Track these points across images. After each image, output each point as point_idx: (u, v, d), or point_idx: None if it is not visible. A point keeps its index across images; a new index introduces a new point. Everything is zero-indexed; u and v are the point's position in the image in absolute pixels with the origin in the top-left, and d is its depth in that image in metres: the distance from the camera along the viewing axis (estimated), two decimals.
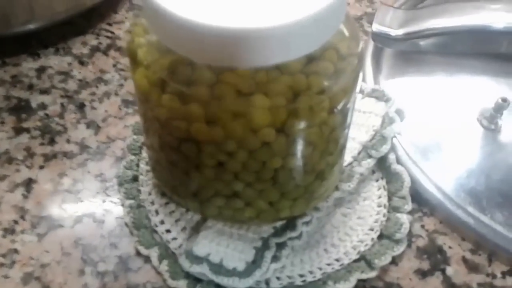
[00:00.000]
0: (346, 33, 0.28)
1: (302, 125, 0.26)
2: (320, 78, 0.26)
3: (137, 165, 0.36)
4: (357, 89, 0.30)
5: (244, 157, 0.27)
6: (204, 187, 0.30)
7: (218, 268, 0.31)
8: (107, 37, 0.46)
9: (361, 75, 0.41)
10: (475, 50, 0.43)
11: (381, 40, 0.42)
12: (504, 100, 0.37)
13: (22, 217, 0.34)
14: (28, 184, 0.36)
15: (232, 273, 0.31)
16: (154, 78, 0.26)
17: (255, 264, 0.31)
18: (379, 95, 0.39)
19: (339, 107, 0.27)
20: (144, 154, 0.37)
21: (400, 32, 0.42)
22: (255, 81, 0.25)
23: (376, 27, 0.42)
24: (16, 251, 0.33)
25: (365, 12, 0.49)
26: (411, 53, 0.43)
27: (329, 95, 0.26)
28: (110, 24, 0.48)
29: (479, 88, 0.41)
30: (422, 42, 0.43)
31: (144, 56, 0.27)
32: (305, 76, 0.26)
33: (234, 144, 0.26)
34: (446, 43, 0.43)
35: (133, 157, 0.37)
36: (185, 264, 0.31)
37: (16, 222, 0.34)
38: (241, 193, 0.29)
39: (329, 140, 0.29)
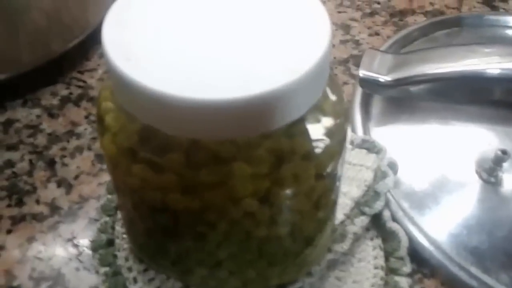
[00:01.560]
0: (330, 92, 0.25)
1: (287, 193, 0.24)
2: (305, 141, 0.24)
3: (113, 228, 0.33)
4: (344, 149, 0.27)
5: (225, 228, 0.24)
6: (184, 257, 0.27)
7: None
8: (79, 86, 0.44)
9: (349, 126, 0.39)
10: (469, 97, 0.40)
11: (369, 86, 0.40)
12: (504, 152, 0.35)
13: None
14: None
15: None
16: (123, 146, 0.24)
17: None
18: (370, 146, 0.36)
19: (327, 171, 0.25)
20: (120, 215, 0.34)
21: (389, 78, 0.40)
22: (234, 147, 0.22)
23: (363, 72, 0.40)
24: None
25: (351, 54, 0.47)
26: (401, 99, 0.41)
27: (315, 160, 0.24)
28: (81, 73, 0.45)
29: (475, 136, 0.39)
30: (413, 88, 0.41)
31: (112, 122, 0.24)
32: (289, 140, 0.23)
33: (213, 214, 0.24)
34: (438, 89, 0.40)
35: (107, 219, 0.34)
36: None
37: None
38: (225, 263, 0.27)
39: (317, 206, 0.26)
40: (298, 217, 0.26)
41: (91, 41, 0.46)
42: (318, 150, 0.24)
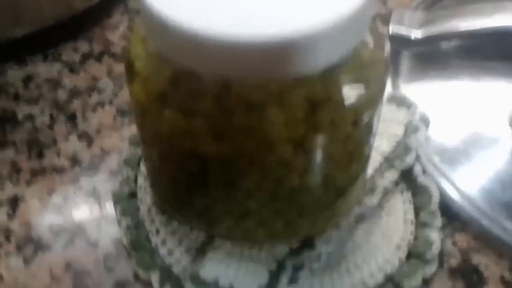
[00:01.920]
0: (370, 39, 0.24)
1: (322, 140, 0.23)
2: (341, 88, 0.22)
3: (135, 181, 0.33)
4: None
5: (256, 176, 0.24)
6: (211, 207, 0.26)
7: None
8: (101, 42, 0.43)
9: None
10: (500, 53, 0.39)
11: (399, 42, 0.39)
12: None
13: (7, 239, 0.31)
14: (14, 202, 0.32)
15: None
16: (154, 91, 0.23)
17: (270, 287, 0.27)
18: (400, 101, 0.35)
19: (364, 119, 0.24)
20: (143, 168, 0.33)
21: (419, 34, 0.38)
22: (267, 91, 0.21)
23: (393, 28, 0.39)
24: (0, 277, 0.29)
25: (378, 13, 0.46)
26: (432, 56, 0.40)
27: (352, 108, 0.23)
28: (103, 29, 0.44)
29: (508, 92, 0.37)
30: (444, 45, 0.39)
31: (142, 68, 0.23)
32: (325, 86, 0.22)
33: (245, 161, 0.23)
34: (469, 45, 0.39)
35: (130, 172, 0.33)
36: None
37: (0, 244, 0.30)
38: (254, 213, 0.26)
39: (353, 156, 0.25)
40: (332, 166, 0.24)
41: None
42: (355, 98, 0.23)
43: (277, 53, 0.19)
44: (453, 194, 0.32)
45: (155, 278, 0.29)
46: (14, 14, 0.39)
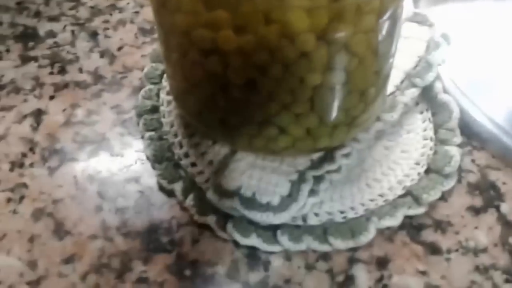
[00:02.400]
0: None
1: (346, 30, 0.23)
2: None
3: (157, 95, 0.33)
4: None
5: (278, 72, 0.23)
6: (233, 112, 0.26)
7: (250, 202, 0.28)
8: None
9: None
10: None
11: None
12: None
13: (31, 150, 0.31)
14: (37, 115, 0.33)
15: (266, 207, 0.28)
16: None
17: (291, 197, 0.28)
18: (421, 20, 0.35)
19: (388, 13, 0.24)
20: (165, 83, 0.33)
21: None
22: None
23: None
24: (25, 185, 0.30)
25: None
26: None
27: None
28: None
29: None
30: None
31: None
32: None
33: (267, 55, 0.23)
34: None
35: (152, 86, 0.33)
36: (214, 198, 0.28)
37: (24, 155, 0.31)
38: (275, 118, 0.26)
39: (376, 53, 0.25)
40: (355, 62, 0.24)
41: None
42: None
43: None
44: (473, 113, 0.32)
45: (178, 188, 0.29)
46: None
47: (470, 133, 0.32)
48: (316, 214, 0.29)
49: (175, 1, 0.23)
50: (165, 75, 0.34)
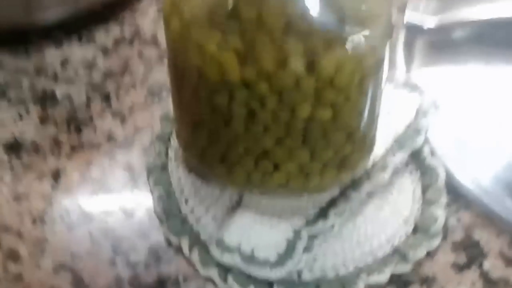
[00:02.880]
0: None
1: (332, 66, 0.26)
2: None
3: (166, 154, 0.36)
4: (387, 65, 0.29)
5: (274, 102, 0.26)
6: (233, 146, 0.29)
7: (249, 258, 0.30)
8: (131, 26, 0.46)
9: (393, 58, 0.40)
10: (509, 40, 0.42)
11: (414, 30, 0.42)
12: None
13: (51, 207, 0.34)
14: (56, 173, 0.36)
15: (264, 263, 0.30)
16: (188, 19, 0.27)
17: (286, 255, 0.30)
18: (412, 86, 0.38)
19: (372, 55, 0.27)
20: (173, 142, 0.36)
21: (433, 22, 0.41)
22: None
23: (409, 15, 0.42)
24: (46, 240, 0.32)
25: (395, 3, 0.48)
26: (444, 43, 0.43)
27: (360, 38, 0.26)
28: (133, 13, 0.47)
29: None
30: (457, 31, 0.42)
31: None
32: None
33: (265, 85, 0.26)
34: (480, 33, 0.42)
35: (162, 145, 0.36)
36: (216, 253, 0.30)
37: (45, 211, 0.33)
38: (270, 151, 0.28)
39: (360, 92, 0.28)
40: (341, 98, 0.27)
41: None
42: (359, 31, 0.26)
43: None
44: (459, 174, 0.35)
45: (184, 243, 0.32)
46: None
47: (456, 194, 0.35)
48: (310, 270, 0.31)
49: (191, 42, 0.26)
50: (173, 135, 0.37)
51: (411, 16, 0.41)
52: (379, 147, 0.34)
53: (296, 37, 0.25)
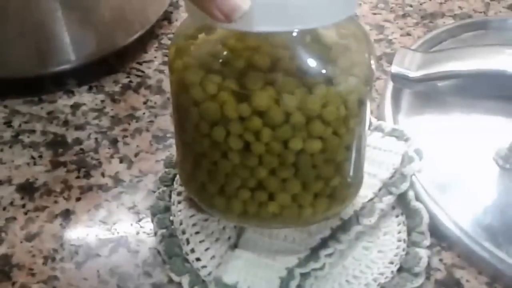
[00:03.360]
0: (355, 30, 0.32)
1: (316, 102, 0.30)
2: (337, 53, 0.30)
3: (169, 196, 0.38)
4: (370, 110, 0.33)
5: (267, 136, 0.30)
6: (231, 178, 0.32)
7: None
8: (138, 75, 0.49)
9: (380, 110, 0.43)
10: (491, 93, 0.44)
11: (400, 81, 0.45)
12: None
13: (61, 246, 0.36)
14: (66, 215, 0.38)
15: None
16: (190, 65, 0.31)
17: None
18: (398, 135, 0.41)
19: (353, 95, 0.30)
20: (176, 185, 0.39)
21: (418, 74, 0.44)
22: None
23: (395, 68, 0.44)
24: (56, 278, 0.34)
25: (384, 53, 0.52)
26: (429, 94, 0.45)
27: (344, 76, 0.30)
28: (140, 63, 0.50)
29: (494, 129, 0.43)
30: (440, 84, 0.45)
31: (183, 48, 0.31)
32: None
33: (259, 121, 0.29)
34: (463, 85, 0.45)
35: (165, 189, 0.39)
36: None
37: (55, 250, 0.36)
38: (265, 182, 0.31)
39: (347, 128, 0.31)
40: (329, 131, 0.30)
41: (149, 36, 0.52)
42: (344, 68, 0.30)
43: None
44: (442, 217, 0.37)
45: (185, 281, 0.34)
46: (65, 51, 0.45)
47: (439, 235, 0.37)
48: None
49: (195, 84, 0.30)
50: (176, 179, 0.39)
51: (397, 69, 0.44)
52: (367, 191, 0.36)
53: (285, 77, 0.29)
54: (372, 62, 0.32)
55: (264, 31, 0.28)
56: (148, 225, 0.37)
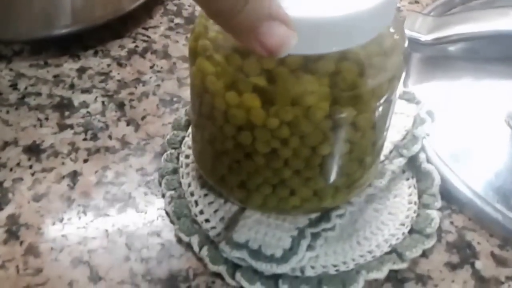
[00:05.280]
0: (393, 28, 0.30)
1: (352, 112, 0.28)
2: (366, 69, 0.28)
3: (177, 158, 0.38)
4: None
5: (296, 143, 0.29)
6: (253, 176, 0.31)
7: (257, 254, 0.32)
8: (143, 40, 0.48)
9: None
10: (501, 55, 0.44)
11: (411, 45, 0.43)
12: None
13: (69, 206, 0.36)
14: (74, 176, 0.38)
15: (270, 259, 0.32)
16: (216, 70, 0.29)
17: (291, 251, 0.32)
18: (410, 98, 0.40)
19: (385, 96, 0.29)
20: (184, 148, 0.38)
21: (429, 37, 0.43)
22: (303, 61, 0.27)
23: (405, 32, 0.44)
24: (64, 237, 0.34)
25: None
26: (439, 58, 0.45)
27: (375, 86, 0.29)
28: (146, 29, 0.49)
29: (506, 91, 0.42)
30: (450, 48, 0.44)
31: (207, 49, 0.29)
32: (352, 65, 0.28)
33: (288, 130, 0.28)
34: (473, 48, 0.44)
35: (173, 151, 0.38)
36: (226, 249, 0.32)
37: (63, 210, 0.35)
38: (288, 181, 0.31)
39: (374, 128, 0.30)
40: (358, 136, 0.30)
41: (154, 1, 0.51)
42: (377, 79, 0.29)
43: (326, 30, 0.25)
44: (453, 179, 0.37)
45: (194, 241, 0.34)
46: (69, 14, 0.44)
47: (449, 198, 0.37)
48: (313, 267, 0.33)
49: (218, 90, 0.29)
50: (184, 141, 0.39)
51: (408, 33, 0.43)
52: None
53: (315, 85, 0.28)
54: (403, 58, 0.30)
55: (302, 54, 0.26)
56: (156, 187, 0.37)
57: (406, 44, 0.30)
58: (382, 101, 0.29)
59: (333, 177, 0.31)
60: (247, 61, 0.28)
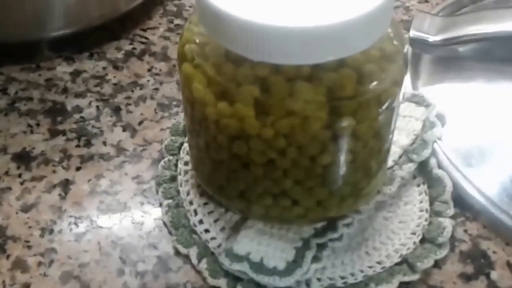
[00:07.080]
0: (391, 33, 0.28)
1: (352, 121, 0.26)
2: (366, 75, 0.26)
3: (175, 165, 0.36)
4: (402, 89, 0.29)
5: (293, 154, 0.27)
6: (252, 186, 0.29)
7: (258, 267, 0.30)
8: (141, 42, 0.46)
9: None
10: None
11: (419, 45, 0.42)
12: None
13: (60, 217, 0.34)
14: (65, 185, 0.36)
15: (273, 271, 0.30)
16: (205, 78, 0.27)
17: (295, 263, 0.30)
18: (419, 100, 0.38)
19: (388, 102, 0.27)
20: (182, 154, 0.36)
21: (438, 38, 0.42)
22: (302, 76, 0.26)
23: (413, 33, 0.42)
24: (54, 250, 0.32)
25: (401, 20, 0.49)
26: (449, 59, 0.43)
27: (376, 92, 0.27)
28: (144, 30, 0.48)
29: None
30: (461, 48, 0.42)
31: (195, 56, 0.28)
32: (351, 73, 0.26)
33: (283, 140, 0.26)
34: (484, 49, 0.42)
35: (171, 158, 0.36)
36: (226, 262, 0.30)
37: (53, 222, 0.34)
38: (290, 191, 0.29)
39: (377, 136, 0.28)
40: (360, 145, 0.28)
41: (153, 2, 0.50)
42: (377, 85, 0.27)
43: (320, 39, 0.23)
44: (466, 186, 0.35)
45: (193, 253, 0.32)
46: (63, 15, 0.43)
47: (463, 205, 0.35)
48: (319, 279, 0.31)
49: (209, 100, 0.27)
50: (183, 147, 0.37)
51: (415, 33, 0.42)
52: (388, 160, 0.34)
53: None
54: (403, 63, 0.29)
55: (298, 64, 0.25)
56: (153, 196, 0.35)
57: (405, 49, 0.29)
58: (383, 108, 0.27)
59: (337, 186, 0.29)
60: (240, 69, 0.26)
